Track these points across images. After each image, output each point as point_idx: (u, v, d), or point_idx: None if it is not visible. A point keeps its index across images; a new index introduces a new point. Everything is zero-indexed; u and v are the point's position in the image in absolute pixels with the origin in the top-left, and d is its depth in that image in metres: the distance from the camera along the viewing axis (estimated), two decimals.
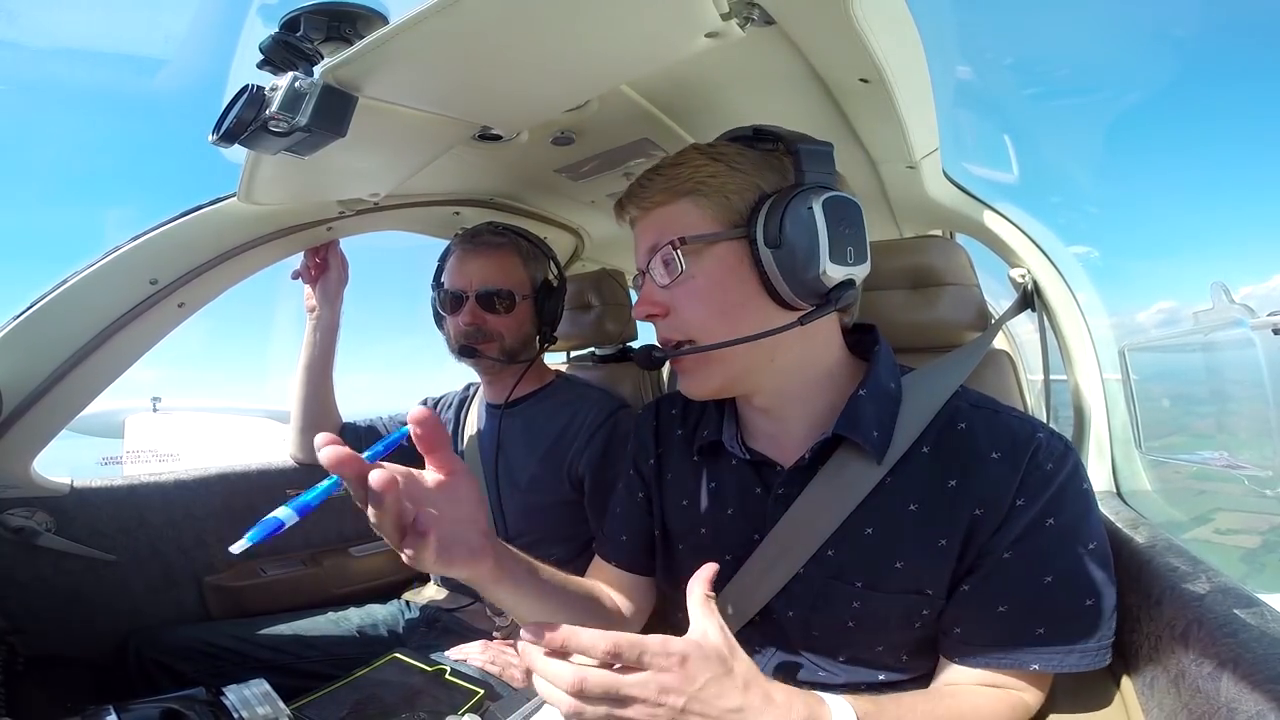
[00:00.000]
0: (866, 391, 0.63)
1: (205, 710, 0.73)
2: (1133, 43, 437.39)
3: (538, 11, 0.55)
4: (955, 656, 0.60)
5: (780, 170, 0.63)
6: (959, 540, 0.59)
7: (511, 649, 1.05)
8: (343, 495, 0.51)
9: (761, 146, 0.64)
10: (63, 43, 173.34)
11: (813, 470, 0.64)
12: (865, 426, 0.61)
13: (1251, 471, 2.16)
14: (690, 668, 0.46)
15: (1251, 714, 0.43)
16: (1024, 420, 0.62)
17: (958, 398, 0.65)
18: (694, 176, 0.62)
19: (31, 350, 0.95)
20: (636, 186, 0.66)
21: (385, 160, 0.88)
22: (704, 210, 0.62)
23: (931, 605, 0.61)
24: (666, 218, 0.64)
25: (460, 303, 1.12)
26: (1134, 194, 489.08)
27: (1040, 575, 0.57)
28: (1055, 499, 0.57)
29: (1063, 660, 0.57)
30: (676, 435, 0.77)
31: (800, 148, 0.61)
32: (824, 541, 0.63)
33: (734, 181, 0.62)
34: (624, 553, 0.79)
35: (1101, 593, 0.57)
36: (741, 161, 0.62)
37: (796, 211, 0.58)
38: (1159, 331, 1.90)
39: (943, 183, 1.07)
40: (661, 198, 0.64)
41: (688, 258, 0.62)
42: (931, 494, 0.60)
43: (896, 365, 0.68)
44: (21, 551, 1.01)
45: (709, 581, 0.55)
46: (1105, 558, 0.58)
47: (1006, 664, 0.58)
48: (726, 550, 0.68)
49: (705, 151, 0.64)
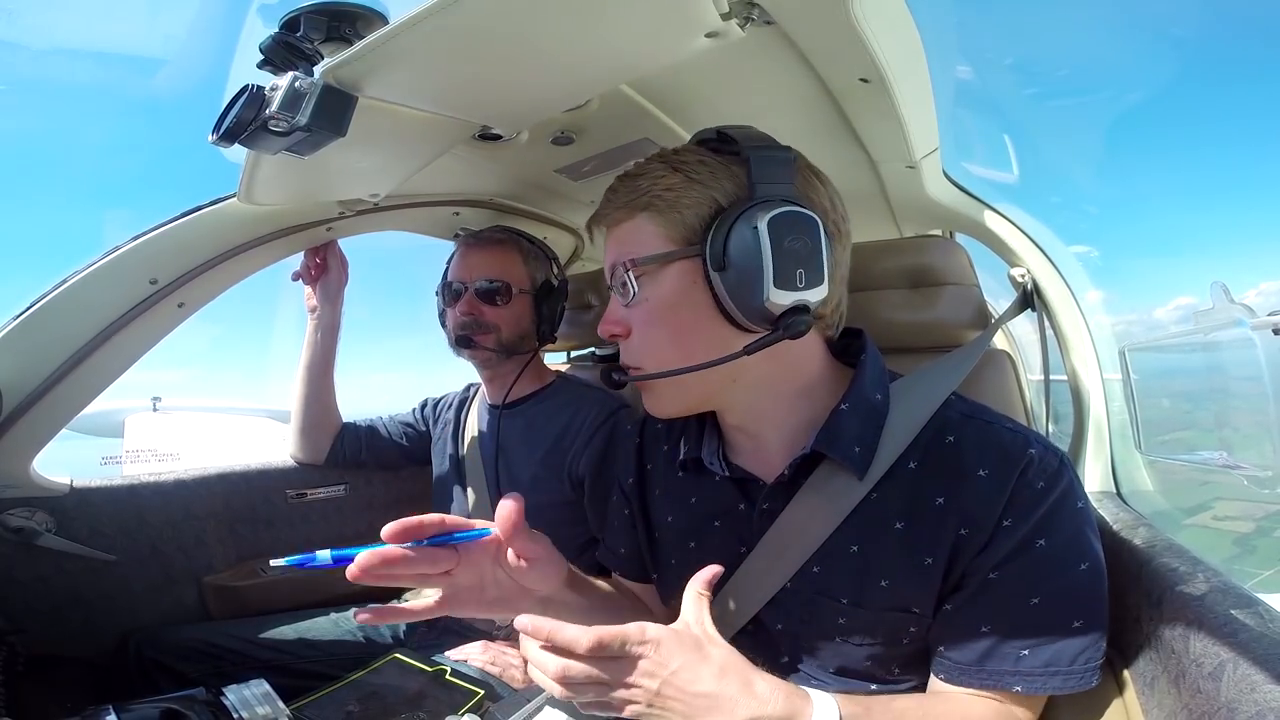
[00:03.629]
0: (849, 405, 0.60)
1: (205, 710, 0.73)
2: (1133, 43, 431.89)
3: (537, 11, 0.55)
4: (940, 673, 0.59)
5: (738, 179, 0.58)
6: (944, 560, 0.56)
7: (512, 649, 1.05)
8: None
9: (725, 150, 0.60)
10: (61, 43, 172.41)
11: (795, 485, 0.62)
12: (846, 443, 0.59)
13: (1251, 472, 2.16)
14: (663, 652, 0.48)
15: (1251, 714, 0.43)
16: (1017, 433, 0.58)
17: (949, 407, 0.61)
18: (651, 189, 0.58)
19: (31, 350, 0.95)
20: (604, 199, 0.63)
21: (385, 160, 0.88)
22: (658, 227, 0.58)
23: (919, 623, 0.59)
24: (625, 235, 0.61)
25: (458, 295, 1.14)
26: (1134, 194, 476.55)
27: (1027, 597, 0.55)
28: (1046, 519, 0.55)
29: (1046, 683, 0.54)
30: (662, 450, 0.76)
31: (752, 155, 0.56)
32: (809, 557, 0.61)
33: (689, 194, 0.58)
34: (626, 564, 0.80)
35: (1091, 613, 0.55)
36: (700, 171, 0.58)
37: (740, 232, 0.54)
38: (1178, 328, 1.90)
39: (943, 183, 1.07)
40: (621, 214, 0.61)
41: (640, 280, 0.59)
42: (917, 511, 0.58)
43: (885, 372, 0.65)
44: (21, 551, 1.01)
45: (707, 582, 0.55)
46: (1098, 576, 0.56)
47: (989, 684, 0.56)
48: (714, 563, 0.68)
49: (667, 159, 0.60)
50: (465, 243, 1.19)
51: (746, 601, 0.65)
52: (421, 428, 1.35)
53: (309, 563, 0.50)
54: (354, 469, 1.35)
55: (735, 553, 0.66)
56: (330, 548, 0.50)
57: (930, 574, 0.57)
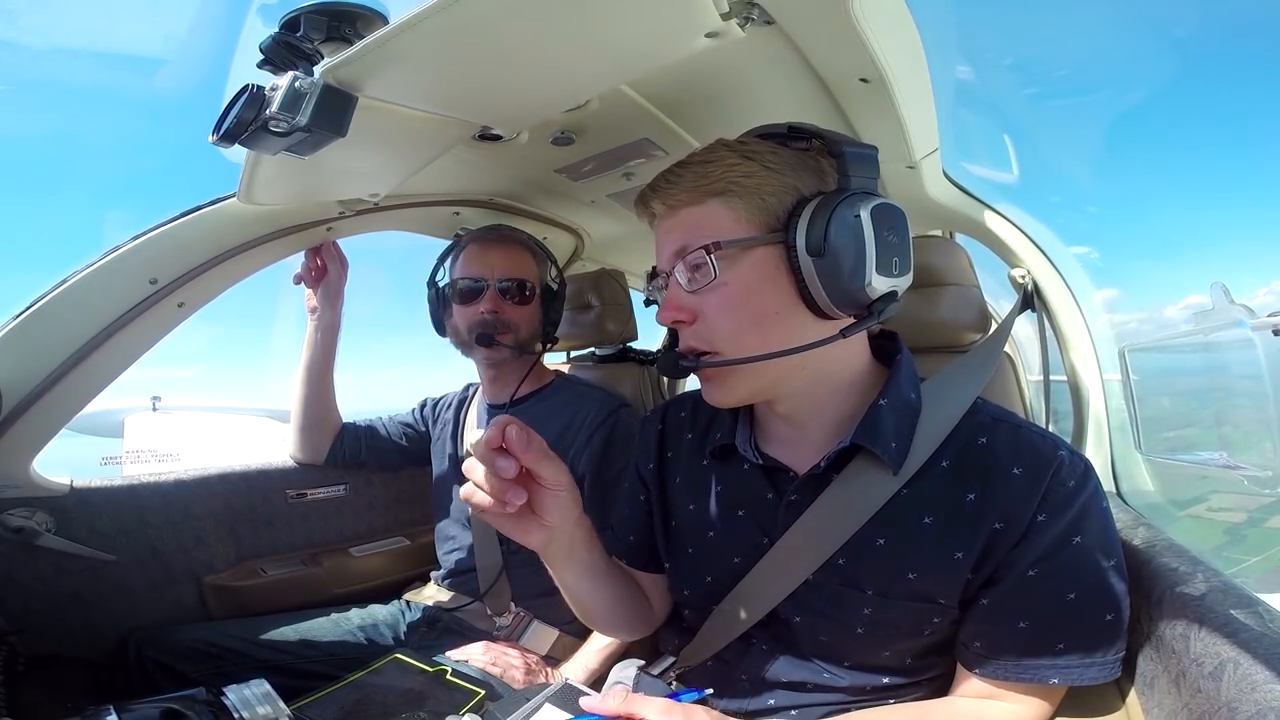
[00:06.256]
0: (887, 401, 0.61)
1: (205, 710, 0.73)
2: (1132, 43, 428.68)
3: (537, 11, 0.55)
4: (975, 668, 0.60)
5: (818, 172, 0.59)
6: (976, 553, 0.58)
7: (512, 650, 1.05)
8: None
9: (795, 145, 0.61)
10: (60, 43, 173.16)
11: (827, 479, 0.63)
12: (884, 437, 0.60)
13: (1251, 472, 2.16)
14: None
15: (1251, 714, 0.43)
16: (1046, 437, 0.61)
17: (978, 411, 0.63)
18: (726, 175, 0.58)
19: (31, 350, 0.95)
20: (662, 181, 0.62)
21: (385, 160, 0.88)
22: (737, 212, 0.58)
23: (943, 614, 0.61)
24: (695, 219, 0.60)
25: (478, 292, 1.13)
26: (1135, 193, 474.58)
27: (1065, 592, 0.57)
28: (1080, 517, 0.57)
29: (1081, 674, 0.57)
30: (686, 439, 0.76)
31: (846, 150, 0.58)
32: (835, 550, 0.62)
33: (770, 183, 0.58)
34: (634, 553, 0.80)
35: (1121, 606, 0.58)
36: (776, 161, 0.59)
37: (843, 218, 0.55)
38: (1189, 326, 1.91)
39: (943, 183, 1.07)
40: (689, 197, 0.60)
41: (721, 263, 0.58)
42: (948, 507, 0.59)
43: (916, 374, 0.66)
44: (21, 551, 1.01)
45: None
46: (1124, 572, 0.58)
47: (1025, 677, 0.58)
48: (735, 553, 0.68)
49: (737, 149, 0.59)
50: (481, 240, 1.18)
51: (765, 594, 0.65)
52: (421, 428, 1.35)
53: None
54: (354, 469, 1.35)
55: (757, 544, 0.67)
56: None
57: (959, 567, 0.58)
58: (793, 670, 0.66)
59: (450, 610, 1.17)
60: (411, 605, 1.24)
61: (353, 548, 1.35)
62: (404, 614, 1.23)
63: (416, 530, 1.43)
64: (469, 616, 1.16)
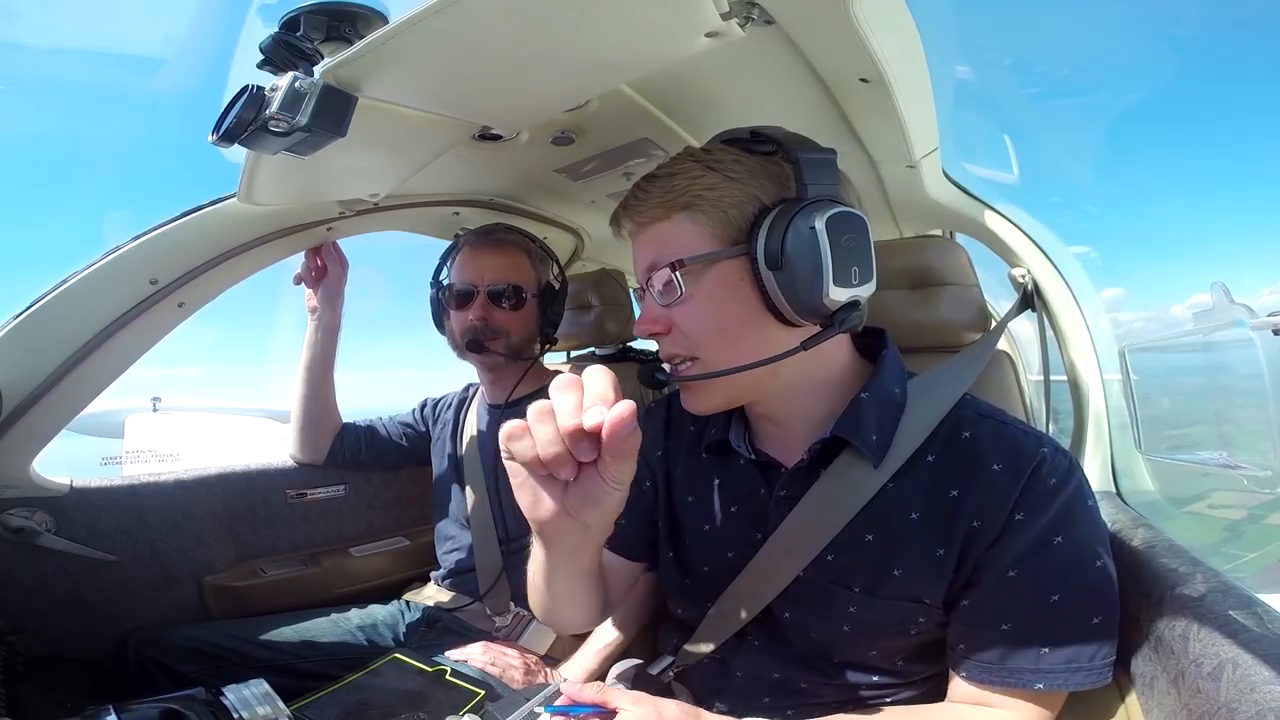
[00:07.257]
0: (869, 394, 0.62)
1: (205, 710, 0.73)
2: (1133, 42, 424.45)
3: (537, 11, 0.55)
4: (960, 671, 0.60)
5: (779, 179, 0.60)
6: (956, 551, 0.58)
7: (512, 650, 1.05)
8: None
9: (759, 150, 0.61)
10: (59, 43, 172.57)
11: (814, 473, 0.64)
12: (864, 429, 0.61)
13: (1251, 472, 2.16)
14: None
15: (1251, 714, 0.43)
16: (1030, 434, 0.61)
17: (964, 406, 0.64)
18: (690, 189, 0.59)
19: (31, 350, 0.95)
20: (631, 199, 0.63)
21: (385, 160, 0.88)
22: (701, 226, 0.59)
23: (929, 615, 0.61)
24: (663, 235, 0.61)
25: (469, 298, 1.13)
26: (1135, 193, 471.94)
27: (1047, 594, 0.56)
28: (1061, 516, 0.56)
29: (1068, 679, 0.56)
30: (688, 431, 0.77)
31: (802, 157, 0.58)
32: (825, 545, 0.62)
33: (732, 193, 0.59)
34: (623, 538, 0.79)
35: (1109, 610, 0.57)
36: (739, 170, 0.59)
37: (798, 230, 0.55)
38: (1195, 325, 1.91)
39: (943, 183, 1.07)
40: (657, 213, 0.61)
41: (686, 279, 0.59)
42: (933, 503, 0.60)
43: (904, 371, 0.67)
44: (21, 551, 1.01)
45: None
46: (1112, 573, 0.58)
47: (1010, 681, 0.57)
48: (729, 547, 0.69)
49: (701, 159, 0.60)
50: (473, 242, 1.17)
51: (761, 590, 0.66)
52: (421, 428, 1.35)
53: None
54: (354, 469, 1.35)
55: (751, 538, 0.67)
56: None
57: (942, 565, 0.58)
58: (786, 669, 0.67)
59: (450, 610, 1.17)
60: (411, 605, 1.24)
61: (352, 548, 1.35)
62: (404, 614, 1.23)
63: (416, 530, 1.43)
64: (468, 617, 1.16)
